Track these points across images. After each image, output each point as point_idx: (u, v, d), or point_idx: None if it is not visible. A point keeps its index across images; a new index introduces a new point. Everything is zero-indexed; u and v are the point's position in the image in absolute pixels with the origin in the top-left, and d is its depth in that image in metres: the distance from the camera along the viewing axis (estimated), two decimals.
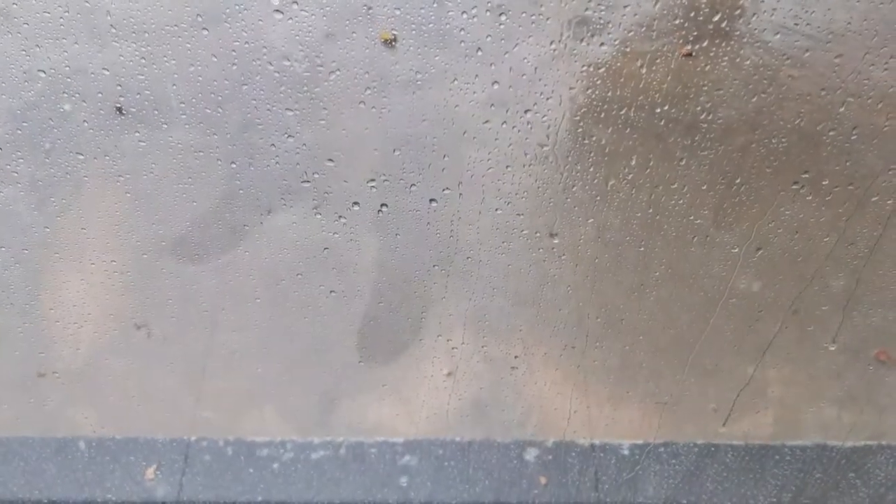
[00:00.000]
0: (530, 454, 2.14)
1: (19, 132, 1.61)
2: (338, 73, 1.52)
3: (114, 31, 1.44)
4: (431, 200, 1.74)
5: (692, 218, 1.74)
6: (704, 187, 1.69)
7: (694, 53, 1.40)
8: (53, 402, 2.06)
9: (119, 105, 1.52)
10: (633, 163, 1.65)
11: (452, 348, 1.98)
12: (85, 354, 1.98)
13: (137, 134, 1.62)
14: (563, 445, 2.13)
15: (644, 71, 1.50)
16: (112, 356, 1.99)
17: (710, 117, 1.58)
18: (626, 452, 2.15)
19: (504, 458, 2.13)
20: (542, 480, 2.14)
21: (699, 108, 1.57)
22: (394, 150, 1.66)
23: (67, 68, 1.48)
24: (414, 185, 1.71)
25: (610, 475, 2.12)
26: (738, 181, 1.68)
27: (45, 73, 1.51)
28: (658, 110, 1.57)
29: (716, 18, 1.42)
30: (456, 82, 1.54)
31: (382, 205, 1.75)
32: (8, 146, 1.63)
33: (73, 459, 2.14)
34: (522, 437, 2.13)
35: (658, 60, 1.50)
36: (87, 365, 2.00)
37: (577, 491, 2.09)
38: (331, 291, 1.91)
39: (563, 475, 2.13)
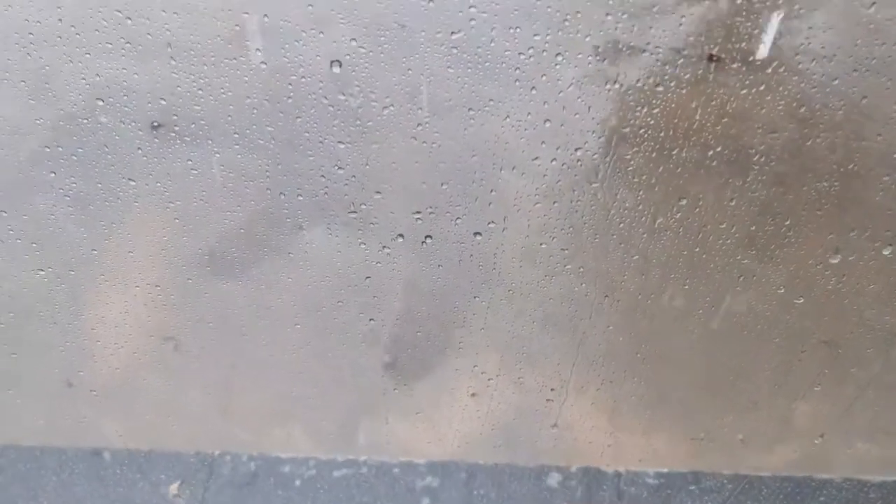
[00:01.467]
0: (554, 479, 2.13)
1: (62, 147, 1.63)
2: (391, 108, 1.53)
3: (170, 50, 1.45)
4: (476, 233, 1.75)
5: (739, 258, 1.73)
6: (753, 228, 1.68)
7: (719, 57, 1.39)
8: (81, 413, 2.07)
9: (155, 123, 1.54)
10: (683, 202, 1.64)
11: (485, 375, 1.98)
12: (112, 366, 2.00)
13: (189, 161, 1.64)
14: (587, 472, 2.12)
15: (699, 113, 1.50)
16: (146, 372, 2.00)
17: (762, 159, 1.57)
18: (651, 481, 2.13)
19: (528, 483, 2.12)
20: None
21: (752, 150, 1.56)
22: (441, 184, 1.66)
23: (107, 81, 1.50)
24: (459, 218, 1.72)
25: (627, 501, 2.10)
26: (787, 223, 1.67)
27: (85, 85, 1.52)
28: (710, 151, 1.56)
29: (780, 69, 1.42)
30: (508, 119, 1.55)
31: (427, 236, 1.76)
32: (51, 157, 1.65)
33: (100, 471, 2.15)
34: (547, 462, 2.12)
35: (713, 102, 1.49)
36: (114, 376, 2.01)
37: None
38: (370, 319, 1.91)
39: (587, 502, 2.12)
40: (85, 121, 1.59)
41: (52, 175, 1.67)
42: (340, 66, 1.49)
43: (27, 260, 1.82)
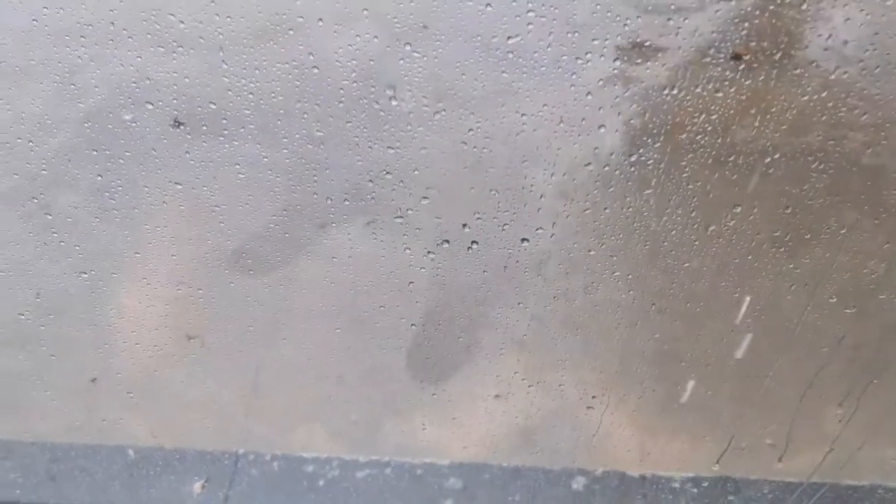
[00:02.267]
0: (578, 482, 2.11)
1: (84, 140, 1.62)
2: (442, 113, 1.51)
3: (225, 66, 1.44)
4: (523, 239, 1.72)
5: (792, 266, 1.70)
6: (808, 236, 1.65)
7: (745, 55, 1.36)
8: (105, 410, 2.08)
9: (177, 121, 1.53)
10: (737, 210, 1.61)
11: (524, 382, 1.96)
12: (136, 364, 2.00)
13: (237, 165, 1.63)
14: (612, 475, 2.09)
15: (757, 119, 1.47)
16: (172, 369, 2.00)
17: (821, 166, 1.54)
18: (676, 485, 2.11)
19: (551, 486, 2.10)
20: None
21: (811, 158, 1.53)
22: (490, 190, 1.64)
23: (131, 77, 1.50)
24: (507, 224, 1.70)
25: None
26: (843, 232, 1.64)
27: (111, 81, 1.52)
28: (768, 159, 1.53)
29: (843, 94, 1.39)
30: (561, 124, 1.52)
31: (473, 242, 1.74)
32: (74, 154, 1.64)
33: (124, 468, 2.16)
34: (571, 465, 2.10)
35: (773, 108, 1.46)
36: (137, 374, 2.01)
37: None
38: (411, 324, 1.90)
39: None
40: (111, 117, 1.58)
41: (78, 171, 1.67)
42: (393, 70, 1.47)
43: (52, 256, 1.82)
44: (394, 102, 1.49)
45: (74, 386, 2.04)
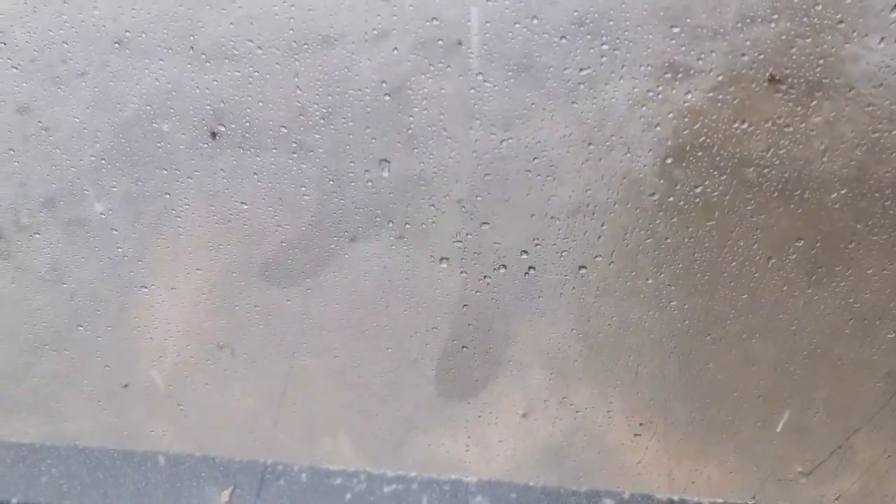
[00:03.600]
0: None
1: (118, 149, 1.65)
2: (510, 141, 1.52)
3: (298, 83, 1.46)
4: (581, 267, 1.73)
5: (852, 301, 1.69)
6: (870, 271, 1.64)
7: (778, 77, 1.36)
8: (136, 416, 2.09)
9: (215, 131, 1.54)
10: (800, 244, 1.61)
11: (573, 407, 1.95)
12: (168, 371, 2.02)
13: (293, 185, 1.65)
14: (640, 498, 2.08)
15: (826, 156, 1.47)
16: (202, 377, 2.02)
17: (887, 203, 1.53)
18: None
19: None
20: None
21: (877, 195, 1.52)
22: (551, 217, 1.65)
23: (167, 88, 1.52)
24: (566, 251, 1.70)
25: None
26: None
27: (144, 92, 1.55)
28: (834, 194, 1.53)
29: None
30: (628, 155, 1.53)
31: (530, 267, 1.74)
32: (106, 162, 1.67)
33: (154, 474, 2.16)
34: (598, 486, 2.09)
35: (842, 145, 1.46)
36: (169, 381, 2.03)
37: None
38: (463, 347, 1.90)
39: None
40: (145, 127, 1.61)
41: (113, 180, 1.70)
42: (465, 99, 1.48)
43: (87, 262, 1.85)
44: (470, 131, 1.50)
45: (106, 391, 2.06)
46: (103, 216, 1.76)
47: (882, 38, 1.35)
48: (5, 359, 2.05)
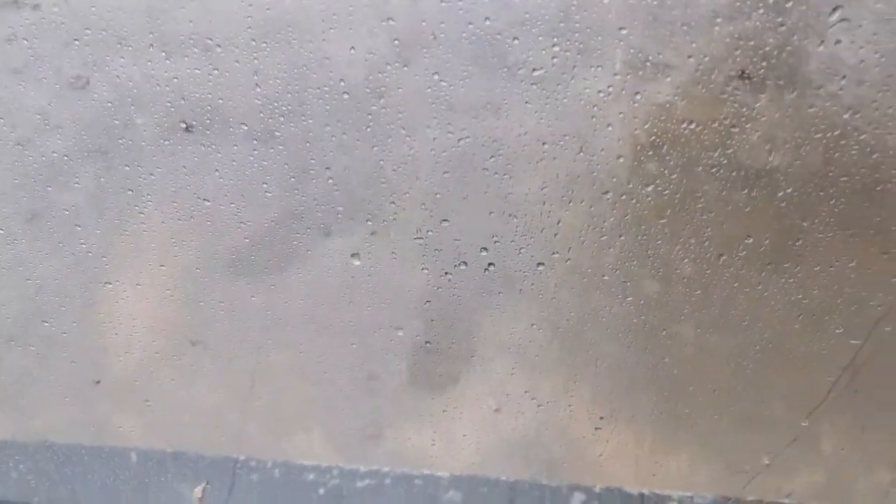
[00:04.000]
0: (577, 499, 2.13)
1: (82, 142, 1.66)
2: (467, 140, 1.55)
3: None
4: (539, 264, 1.76)
5: (800, 297, 1.74)
6: (817, 268, 1.69)
7: (748, 72, 1.40)
8: (107, 412, 2.09)
9: (185, 124, 1.56)
10: (749, 241, 1.65)
11: (534, 402, 1.99)
12: (136, 366, 2.02)
13: (244, 169, 1.66)
14: (611, 492, 2.12)
15: (772, 155, 1.51)
16: (173, 373, 2.03)
17: (832, 202, 1.58)
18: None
19: (550, 501, 2.12)
20: None
21: (822, 193, 1.57)
22: (509, 215, 1.68)
23: (132, 81, 1.54)
24: (524, 248, 1.73)
25: None
26: (851, 265, 1.68)
27: (110, 84, 1.56)
28: (780, 192, 1.58)
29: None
30: (581, 153, 1.56)
31: (490, 264, 1.77)
32: (73, 155, 1.68)
33: (125, 471, 2.17)
34: (562, 478, 2.12)
35: (787, 144, 1.51)
36: (140, 377, 2.04)
37: None
38: (426, 342, 1.93)
39: None
40: (116, 120, 1.62)
41: (79, 173, 1.70)
42: (419, 96, 1.51)
43: (51, 257, 1.86)
44: (427, 130, 1.53)
45: (78, 388, 2.07)
46: (66, 212, 1.77)
47: (822, 42, 1.40)
48: None
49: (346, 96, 1.53)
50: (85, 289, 1.93)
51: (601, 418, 2.01)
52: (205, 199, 1.70)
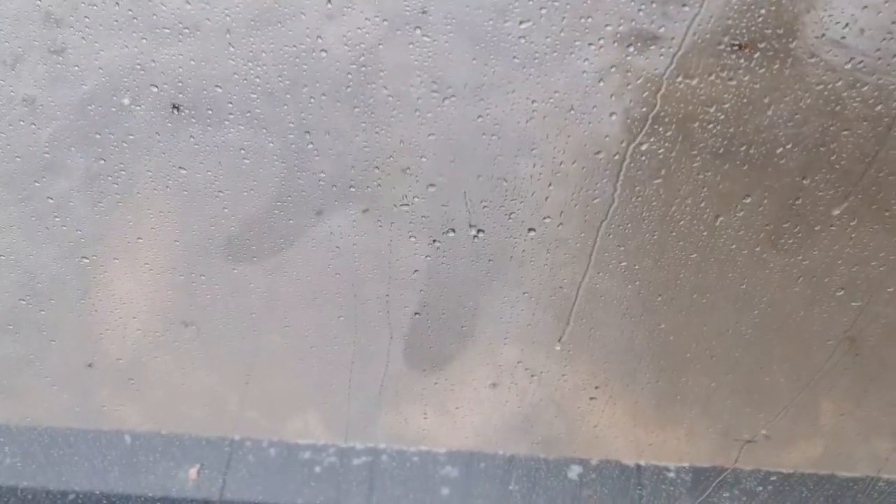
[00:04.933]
0: (574, 472, 2.11)
1: (77, 126, 1.60)
2: (452, 98, 1.48)
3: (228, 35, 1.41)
4: (530, 229, 1.70)
5: (800, 258, 1.69)
6: (818, 228, 1.64)
7: (748, 48, 1.34)
8: (101, 396, 2.06)
9: (175, 105, 1.50)
10: (748, 200, 1.60)
11: (528, 371, 1.95)
12: (132, 350, 1.98)
13: (243, 150, 1.60)
14: (608, 464, 2.09)
15: (770, 109, 1.45)
16: (167, 355, 1.98)
17: (833, 157, 1.53)
18: (672, 475, 2.11)
19: (547, 475, 2.10)
20: (589, 496, 2.10)
21: (822, 149, 1.51)
22: (498, 178, 1.62)
23: (124, 65, 1.47)
24: (514, 213, 1.68)
25: (655, 497, 2.08)
26: (853, 223, 1.63)
27: (102, 68, 1.50)
28: (780, 149, 1.52)
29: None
30: (572, 112, 1.50)
31: (479, 230, 1.71)
32: (66, 139, 1.62)
33: (119, 453, 2.14)
34: (567, 454, 2.10)
35: (786, 97, 1.44)
36: (134, 360, 2.00)
37: None
38: (415, 313, 1.88)
39: (606, 495, 2.09)
40: (106, 102, 1.55)
41: (73, 157, 1.64)
42: (403, 55, 1.44)
43: (45, 242, 1.80)
44: (402, 87, 1.46)
45: (71, 371, 2.02)
46: (62, 194, 1.70)
47: None
48: None
49: (323, 54, 1.45)
50: (82, 272, 1.86)
51: (596, 388, 1.98)
52: (203, 177, 1.63)
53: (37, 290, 1.90)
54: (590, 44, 1.42)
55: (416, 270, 1.80)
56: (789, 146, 1.52)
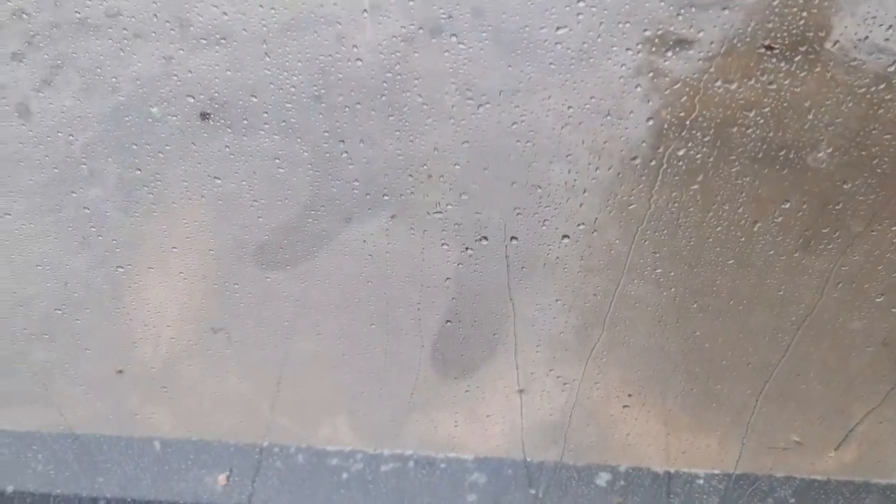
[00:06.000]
0: (602, 479, 2.08)
1: (110, 135, 1.61)
2: (487, 105, 1.48)
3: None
4: (564, 236, 1.69)
5: (840, 264, 1.66)
6: (860, 231, 1.61)
7: (774, 46, 1.32)
8: (133, 403, 2.07)
9: (205, 113, 1.50)
10: (786, 206, 1.57)
11: (560, 379, 1.93)
12: (165, 357, 1.99)
13: (277, 159, 1.60)
14: (637, 471, 2.07)
15: (811, 113, 1.43)
16: (197, 362, 1.99)
17: (875, 162, 1.50)
18: (701, 482, 2.08)
19: (575, 482, 2.08)
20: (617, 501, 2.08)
21: (864, 153, 1.48)
22: (532, 185, 1.61)
23: (156, 73, 1.48)
24: (548, 219, 1.66)
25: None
26: (894, 229, 1.59)
27: (136, 77, 1.50)
28: (820, 154, 1.49)
29: None
30: (609, 117, 1.48)
31: (512, 238, 1.70)
32: (99, 148, 1.63)
33: (149, 460, 2.15)
34: (591, 458, 2.07)
35: (828, 101, 1.42)
36: (167, 367, 2.00)
37: None
38: (447, 321, 1.87)
39: (636, 502, 2.07)
40: (136, 112, 1.56)
41: (105, 166, 1.66)
42: (438, 62, 1.43)
43: (80, 251, 1.82)
44: (437, 96, 1.46)
45: (104, 379, 2.04)
46: (95, 202, 1.72)
47: None
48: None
49: (359, 63, 1.45)
50: (114, 280, 1.88)
51: (629, 396, 1.95)
52: (235, 185, 1.64)
53: (72, 299, 1.92)
54: (627, 49, 1.41)
55: (447, 278, 1.79)
56: (830, 150, 1.49)
